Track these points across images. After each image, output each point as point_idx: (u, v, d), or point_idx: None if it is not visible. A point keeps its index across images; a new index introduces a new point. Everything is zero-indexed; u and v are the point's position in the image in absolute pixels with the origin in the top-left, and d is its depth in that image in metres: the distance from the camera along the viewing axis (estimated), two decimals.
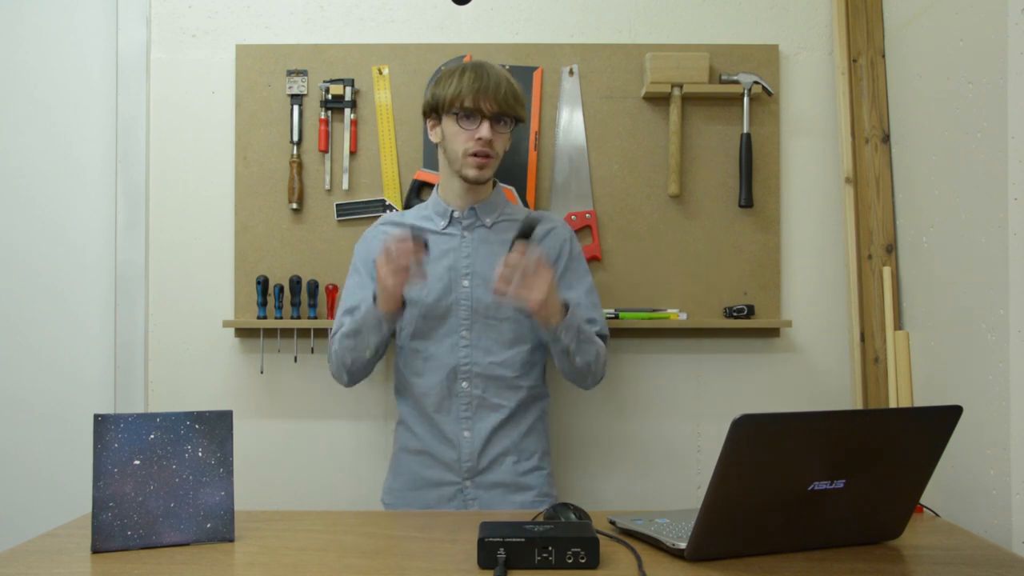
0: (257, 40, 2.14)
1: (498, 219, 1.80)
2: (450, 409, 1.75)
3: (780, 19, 2.15)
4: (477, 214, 1.79)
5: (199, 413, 1.33)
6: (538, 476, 1.78)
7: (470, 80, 1.69)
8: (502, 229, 1.79)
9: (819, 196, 2.15)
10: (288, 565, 1.22)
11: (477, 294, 1.74)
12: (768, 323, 2.08)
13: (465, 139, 1.71)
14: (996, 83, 1.56)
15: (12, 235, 2.19)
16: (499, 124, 1.72)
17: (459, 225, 1.79)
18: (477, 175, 1.72)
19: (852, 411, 1.77)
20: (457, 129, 1.71)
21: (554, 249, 1.80)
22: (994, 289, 1.57)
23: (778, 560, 1.24)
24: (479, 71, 1.70)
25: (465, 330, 1.74)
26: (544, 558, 1.18)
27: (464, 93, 1.69)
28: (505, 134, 1.75)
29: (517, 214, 1.83)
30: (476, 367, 1.74)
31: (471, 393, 1.74)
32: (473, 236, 1.78)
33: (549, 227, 1.82)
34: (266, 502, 2.09)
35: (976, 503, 1.62)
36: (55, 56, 2.19)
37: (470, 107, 1.69)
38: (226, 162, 2.14)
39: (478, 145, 1.70)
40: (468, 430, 1.74)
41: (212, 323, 2.13)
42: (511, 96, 1.72)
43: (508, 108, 1.71)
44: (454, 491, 1.75)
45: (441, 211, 1.80)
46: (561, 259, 1.80)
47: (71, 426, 2.17)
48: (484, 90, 1.68)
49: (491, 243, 1.77)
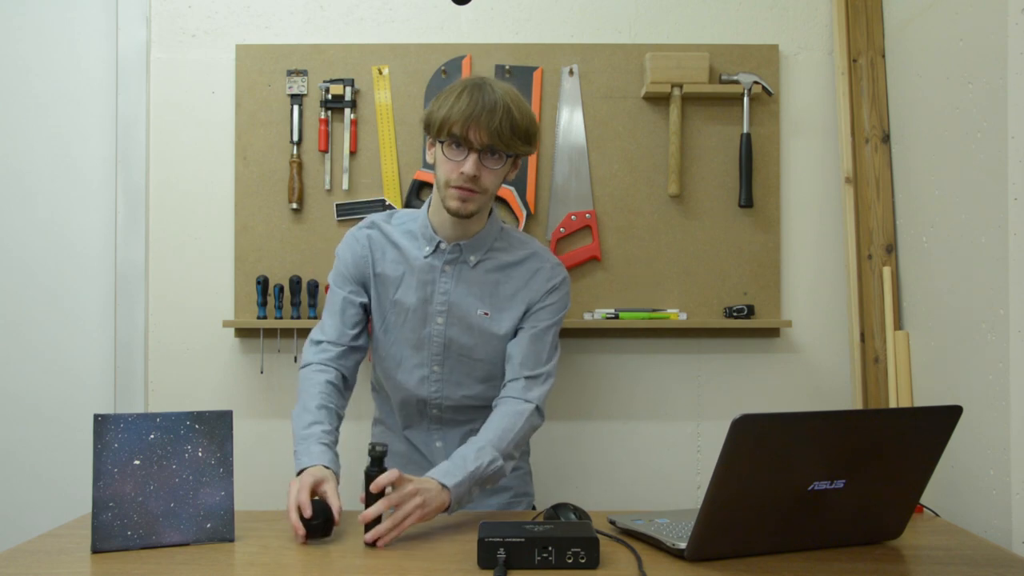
0: (257, 40, 2.14)
1: (483, 257, 1.65)
2: (419, 424, 1.72)
3: (780, 19, 2.15)
4: (462, 251, 1.64)
5: (199, 413, 1.33)
6: (514, 476, 1.75)
7: (463, 105, 1.49)
8: (486, 269, 1.65)
9: (819, 196, 2.15)
10: (288, 565, 1.22)
11: (451, 333, 1.64)
12: (768, 323, 2.08)
13: (450, 169, 1.53)
14: (996, 83, 1.56)
15: (12, 235, 2.19)
16: (491, 157, 1.53)
17: (442, 257, 1.64)
18: (458, 207, 1.54)
19: (852, 411, 1.77)
20: (443, 157, 1.54)
21: (535, 296, 1.65)
22: (994, 289, 1.57)
23: (778, 560, 1.24)
24: (476, 95, 1.50)
25: (437, 365, 1.66)
26: (544, 558, 1.18)
27: (454, 119, 1.49)
28: (497, 169, 1.55)
29: (507, 251, 1.67)
30: (447, 400, 1.67)
31: (441, 417, 1.70)
32: (453, 271, 1.64)
33: (536, 267, 1.66)
34: (266, 502, 2.09)
35: (976, 503, 1.62)
36: (55, 56, 2.19)
37: (458, 136, 1.50)
38: (226, 162, 2.14)
39: (461, 180, 1.51)
40: (440, 440, 1.72)
41: (212, 323, 2.13)
42: (507, 128, 1.50)
43: (501, 142, 1.50)
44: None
45: (428, 236, 1.64)
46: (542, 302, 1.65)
47: (71, 426, 2.17)
48: (476, 119, 1.48)
49: (470, 284, 1.64)
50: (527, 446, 1.80)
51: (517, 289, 1.65)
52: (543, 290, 1.65)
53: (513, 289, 1.65)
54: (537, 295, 1.65)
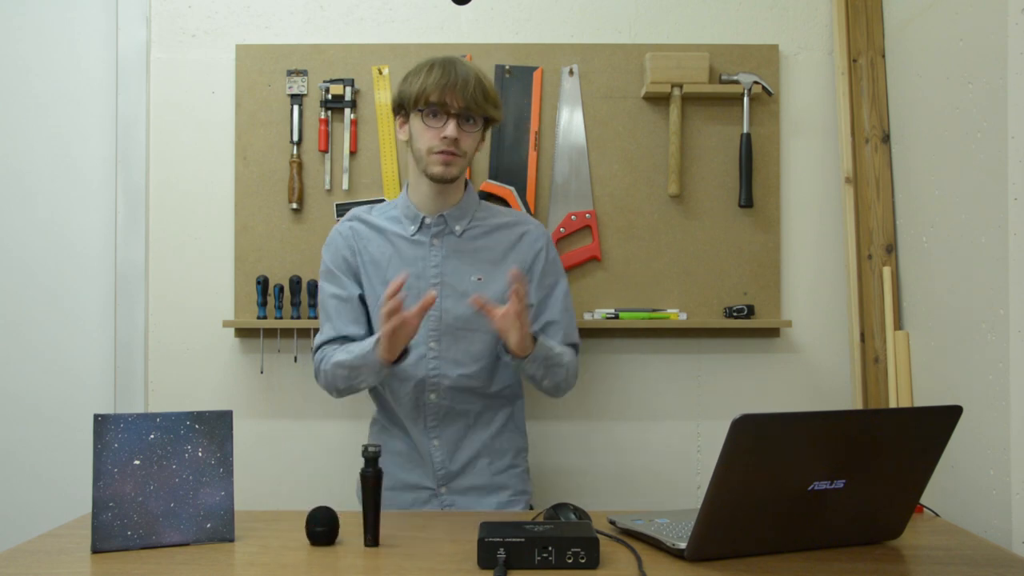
0: (257, 40, 2.15)
1: (468, 226, 1.72)
2: (417, 419, 1.72)
3: (780, 19, 2.15)
4: (447, 221, 1.71)
5: (199, 413, 1.33)
6: (511, 475, 1.76)
7: (437, 76, 1.61)
8: (472, 236, 1.72)
9: (819, 196, 2.15)
10: (288, 565, 1.22)
11: (446, 305, 1.68)
12: (768, 323, 2.08)
13: (431, 137, 1.63)
14: (996, 83, 1.56)
15: (12, 235, 2.19)
16: (467, 123, 1.64)
17: (428, 232, 1.71)
18: (443, 172, 1.64)
19: (852, 411, 1.77)
20: (423, 127, 1.64)
21: (528, 256, 1.74)
22: (994, 289, 1.57)
23: (778, 560, 1.24)
24: (447, 67, 1.63)
25: (433, 342, 1.68)
26: (544, 558, 1.18)
27: (430, 89, 1.61)
28: (473, 133, 1.66)
29: (490, 218, 1.75)
30: (445, 380, 1.69)
31: (438, 404, 1.71)
32: (442, 244, 1.70)
33: (522, 231, 1.75)
34: (266, 502, 2.09)
35: (976, 503, 1.62)
36: (55, 56, 2.19)
37: (435, 103, 1.62)
38: (226, 162, 2.14)
39: (443, 144, 1.62)
40: (436, 438, 1.72)
41: (212, 323, 2.13)
42: (480, 93, 1.63)
43: (476, 106, 1.63)
44: (429, 495, 1.74)
45: (411, 215, 1.72)
46: (537, 264, 1.74)
47: (71, 426, 2.17)
48: (452, 86, 1.61)
49: (461, 252, 1.71)
50: (526, 444, 1.82)
51: (506, 251, 1.73)
52: (534, 250, 1.74)
53: (503, 251, 1.72)
54: (528, 255, 1.73)
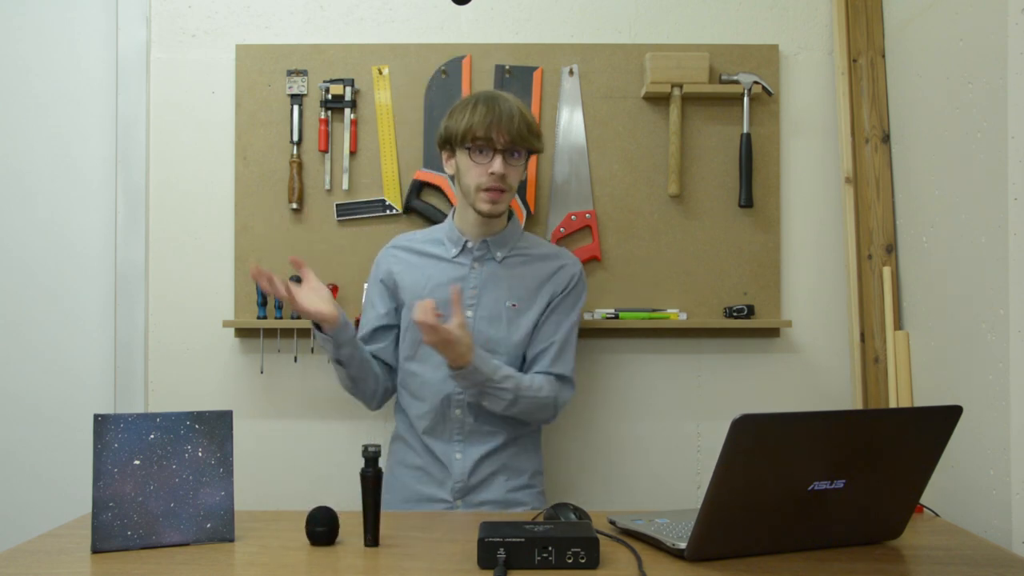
0: (257, 40, 2.14)
1: (509, 253, 1.79)
2: (442, 432, 1.75)
3: (780, 19, 2.15)
4: (489, 247, 1.78)
5: (199, 413, 1.33)
6: (528, 494, 1.78)
7: (482, 113, 1.68)
8: (512, 264, 1.79)
9: (819, 196, 2.15)
10: (288, 565, 1.22)
11: (479, 327, 1.74)
12: (768, 323, 2.08)
13: (478, 173, 1.70)
14: (996, 83, 1.56)
15: (12, 235, 2.19)
16: (512, 157, 1.71)
17: (470, 255, 1.78)
18: (491, 209, 1.72)
19: (852, 411, 1.77)
20: (470, 163, 1.71)
21: (559, 286, 1.79)
22: (994, 289, 1.57)
23: (778, 560, 1.24)
24: (491, 103, 1.69)
25: None
26: (544, 558, 1.18)
27: (476, 126, 1.68)
28: (518, 166, 1.73)
29: (530, 248, 1.82)
30: (470, 397, 1.73)
31: (463, 420, 1.74)
32: (483, 269, 1.78)
33: (560, 264, 1.81)
34: (266, 502, 2.09)
35: (976, 503, 1.62)
36: (55, 56, 2.19)
37: (482, 140, 1.68)
38: (226, 162, 2.14)
39: (491, 180, 1.69)
40: (460, 452, 1.74)
41: (212, 323, 2.13)
42: (524, 127, 1.70)
43: (521, 140, 1.70)
44: (444, 508, 1.75)
45: (455, 239, 1.79)
46: (563, 291, 1.79)
47: (71, 426, 2.17)
48: (497, 122, 1.67)
49: (499, 278, 1.77)
50: (542, 466, 1.86)
51: (543, 282, 1.78)
52: (566, 277, 1.80)
53: (539, 282, 1.78)
54: (560, 286, 1.79)
